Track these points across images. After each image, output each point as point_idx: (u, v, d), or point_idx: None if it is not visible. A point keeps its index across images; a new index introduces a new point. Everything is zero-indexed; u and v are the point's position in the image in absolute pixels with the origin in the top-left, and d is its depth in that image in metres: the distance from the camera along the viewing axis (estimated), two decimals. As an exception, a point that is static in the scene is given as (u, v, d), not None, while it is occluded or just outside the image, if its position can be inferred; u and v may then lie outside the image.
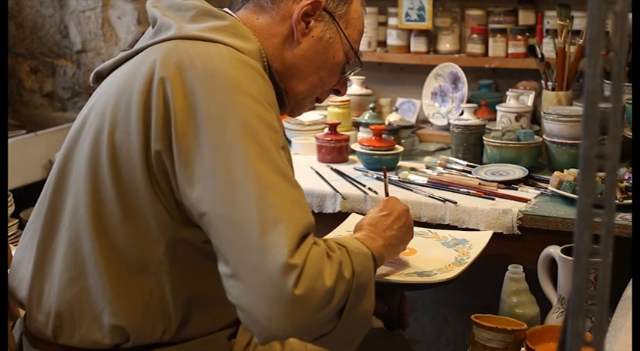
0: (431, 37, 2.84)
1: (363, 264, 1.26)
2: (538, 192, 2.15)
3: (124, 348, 1.32)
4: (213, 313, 1.36)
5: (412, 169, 2.36)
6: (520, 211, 2.01)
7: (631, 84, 2.16)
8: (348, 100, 2.65)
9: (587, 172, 0.78)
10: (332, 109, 2.64)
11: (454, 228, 2.01)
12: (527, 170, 2.25)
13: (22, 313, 1.46)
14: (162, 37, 1.34)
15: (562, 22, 2.41)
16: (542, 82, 2.51)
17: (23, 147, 2.73)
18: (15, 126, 2.89)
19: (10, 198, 2.33)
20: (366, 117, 2.64)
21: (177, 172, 1.23)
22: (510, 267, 1.85)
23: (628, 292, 1.50)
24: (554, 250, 1.83)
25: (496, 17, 2.73)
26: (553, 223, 1.97)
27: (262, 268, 1.13)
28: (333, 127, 2.50)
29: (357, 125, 2.67)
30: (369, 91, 2.87)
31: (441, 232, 1.83)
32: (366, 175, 2.33)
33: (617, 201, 1.92)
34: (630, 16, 0.82)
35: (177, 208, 1.26)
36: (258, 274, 1.14)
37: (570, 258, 1.74)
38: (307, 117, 2.68)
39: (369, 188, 2.18)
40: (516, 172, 2.25)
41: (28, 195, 2.22)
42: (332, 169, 2.40)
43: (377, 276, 1.42)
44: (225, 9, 1.45)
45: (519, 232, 1.99)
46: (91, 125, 1.33)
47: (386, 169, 1.78)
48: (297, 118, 2.56)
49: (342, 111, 2.63)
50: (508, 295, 1.84)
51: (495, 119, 2.56)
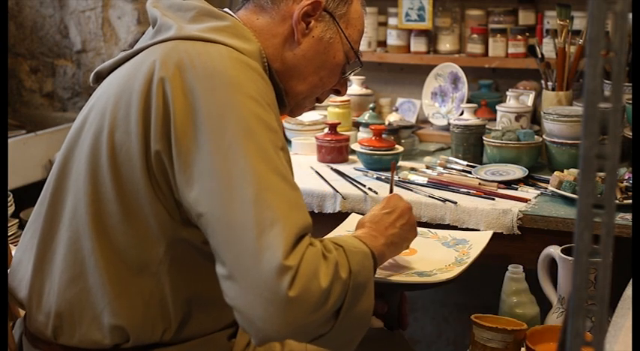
0: (431, 37, 2.84)
1: (361, 263, 1.26)
2: (538, 192, 2.15)
3: (123, 348, 1.32)
4: (213, 313, 1.36)
5: (412, 169, 2.36)
6: (520, 211, 2.00)
7: (631, 84, 2.16)
8: (348, 100, 2.65)
9: (587, 172, 0.78)
10: (332, 109, 2.64)
11: (454, 228, 2.01)
12: (527, 170, 2.25)
13: (22, 313, 1.46)
14: (163, 37, 1.34)
15: (562, 22, 2.41)
16: (542, 82, 2.51)
17: (23, 147, 2.73)
18: (15, 126, 2.89)
19: (10, 198, 2.33)
20: (366, 117, 2.64)
21: (176, 172, 1.22)
22: (510, 267, 1.85)
23: (628, 292, 1.50)
24: (554, 250, 1.83)
25: (496, 17, 2.73)
26: (553, 223, 1.97)
27: (257, 270, 1.13)
28: (333, 127, 2.50)
29: (357, 125, 2.67)
30: (369, 91, 2.87)
31: (441, 232, 1.83)
32: (366, 175, 2.33)
33: (617, 201, 1.92)
34: (630, 16, 0.82)
35: (177, 209, 1.26)
36: (254, 275, 1.14)
37: (570, 258, 1.74)
38: (307, 117, 2.68)
39: (369, 188, 2.18)
40: (516, 172, 2.25)
41: (28, 195, 2.22)
42: (332, 169, 2.40)
43: (377, 276, 1.42)
44: (226, 9, 1.45)
45: (519, 232, 1.99)
46: (91, 125, 1.33)
47: (394, 165, 1.77)
48: (297, 118, 2.55)
49: (342, 111, 2.63)
50: (508, 295, 1.84)
51: (495, 119, 2.56)
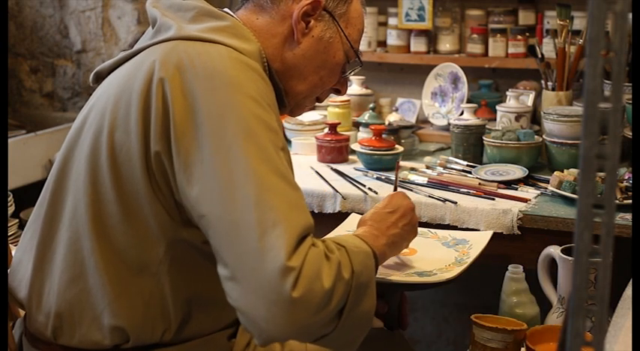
0: (431, 37, 2.84)
1: (363, 263, 1.26)
2: (538, 192, 2.15)
3: (123, 348, 1.32)
4: (213, 314, 1.36)
5: (412, 169, 2.36)
6: (520, 211, 2.00)
7: (631, 84, 2.16)
8: (348, 100, 2.65)
9: (587, 172, 0.78)
10: (332, 109, 2.64)
11: (454, 228, 2.01)
12: (527, 170, 2.25)
13: (22, 313, 1.46)
14: (162, 37, 1.34)
15: (562, 22, 2.41)
16: (542, 82, 2.51)
17: (23, 147, 2.73)
18: (15, 126, 2.89)
19: (10, 198, 2.33)
20: (366, 117, 2.64)
21: (176, 172, 1.22)
22: (510, 267, 1.85)
23: (628, 292, 1.50)
24: (554, 250, 1.83)
25: (496, 17, 2.73)
26: (553, 223, 1.97)
27: (260, 271, 1.13)
28: (333, 127, 2.50)
29: (357, 125, 2.67)
30: (369, 91, 2.87)
31: (441, 232, 1.83)
32: (366, 175, 2.33)
33: (617, 201, 1.92)
34: (630, 16, 0.82)
35: (177, 209, 1.26)
36: (257, 276, 1.14)
37: (570, 258, 1.74)
38: (307, 117, 2.68)
39: (369, 188, 2.18)
40: (516, 172, 2.25)
41: (28, 195, 2.22)
42: (332, 169, 2.40)
43: (377, 276, 1.42)
44: (225, 9, 1.45)
45: (519, 232, 1.99)
46: (91, 125, 1.33)
47: (399, 164, 1.77)
48: (297, 118, 2.56)
49: (342, 111, 2.63)
50: (508, 295, 1.84)
51: (495, 119, 2.56)
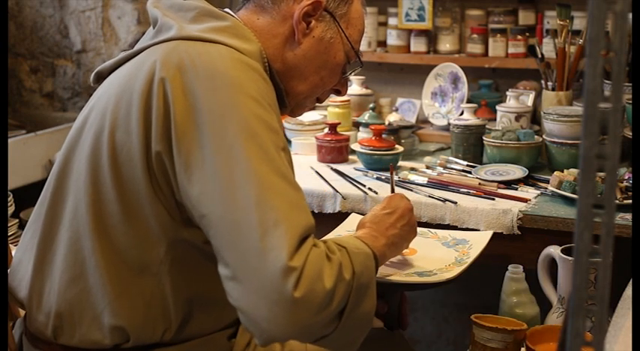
0: (431, 37, 2.84)
1: (363, 264, 1.26)
2: (538, 192, 2.15)
3: (124, 348, 1.32)
4: (213, 313, 1.36)
5: (412, 169, 2.36)
6: (520, 211, 2.00)
7: (631, 84, 2.16)
8: (348, 100, 2.65)
9: (587, 172, 0.78)
10: (332, 109, 2.64)
11: (454, 228, 2.01)
12: (527, 170, 2.25)
13: (22, 313, 1.46)
14: (163, 37, 1.34)
15: (562, 22, 2.41)
16: (542, 82, 2.51)
17: (23, 147, 2.73)
18: (15, 126, 2.89)
19: (10, 198, 2.33)
20: (366, 117, 2.64)
21: (177, 172, 1.22)
22: (510, 267, 1.85)
23: (628, 292, 1.50)
24: (554, 250, 1.83)
25: (496, 17, 2.73)
26: (553, 223, 1.97)
27: (262, 271, 1.13)
28: (333, 127, 2.50)
29: (357, 125, 2.67)
30: (369, 91, 2.87)
31: (441, 232, 1.83)
32: (366, 175, 2.33)
33: (617, 201, 1.92)
34: (630, 16, 0.82)
35: (178, 209, 1.26)
36: (258, 276, 1.14)
37: (570, 258, 1.74)
38: (307, 117, 2.68)
39: (369, 188, 2.18)
40: (516, 172, 2.25)
41: (28, 195, 2.22)
42: (332, 169, 2.40)
43: (377, 276, 1.42)
44: (226, 9, 1.45)
45: (519, 232, 1.99)
46: (92, 125, 1.33)
47: (393, 167, 1.78)
48: (297, 118, 2.55)
49: (342, 111, 2.63)
50: (508, 295, 1.84)
51: (495, 119, 2.56)
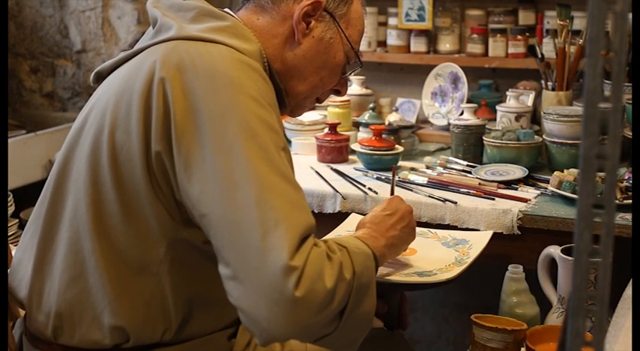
0: (431, 37, 2.84)
1: (363, 264, 1.26)
2: (538, 192, 2.15)
3: (124, 348, 1.32)
4: (213, 313, 1.36)
5: (412, 169, 2.36)
6: (520, 211, 2.00)
7: (631, 84, 2.16)
8: (348, 100, 2.65)
9: (587, 172, 0.78)
10: (332, 109, 2.64)
11: (454, 228, 2.01)
12: (527, 170, 2.25)
13: (22, 313, 1.46)
14: (163, 37, 1.34)
15: (562, 22, 2.41)
16: (542, 82, 2.51)
17: (23, 147, 2.73)
18: (15, 126, 2.89)
19: (10, 198, 2.33)
20: (366, 117, 2.64)
21: (177, 172, 1.22)
22: (510, 267, 1.85)
23: (628, 292, 1.50)
24: (554, 250, 1.83)
25: (496, 17, 2.73)
26: (553, 223, 1.97)
27: (263, 271, 1.13)
28: (333, 127, 2.50)
29: (357, 125, 2.67)
30: (369, 91, 2.87)
31: (441, 232, 1.83)
32: (366, 175, 2.33)
33: (617, 201, 1.92)
34: (630, 16, 0.82)
35: (178, 209, 1.26)
36: (259, 276, 1.14)
37: (570, 258, 1.74)
38: (307, 117, 2.68)
39: (369, 188, 2.18)
40: (516, 172, 2.25)
41: (28, 195, 2.22)
42: (332, 169, 2.40)
43: (377, 276, 1.42)
44: (226, 9, 1.45)
45: (519, 232, 1.99)
46: (92, 125, 1.33)
47: (395, 168, 1.78)
48: (297, 118, 2.55)
49: (342, 111, 2.63)
50: (508, 295, 1.84)
51: (495, 119, 2.56)
